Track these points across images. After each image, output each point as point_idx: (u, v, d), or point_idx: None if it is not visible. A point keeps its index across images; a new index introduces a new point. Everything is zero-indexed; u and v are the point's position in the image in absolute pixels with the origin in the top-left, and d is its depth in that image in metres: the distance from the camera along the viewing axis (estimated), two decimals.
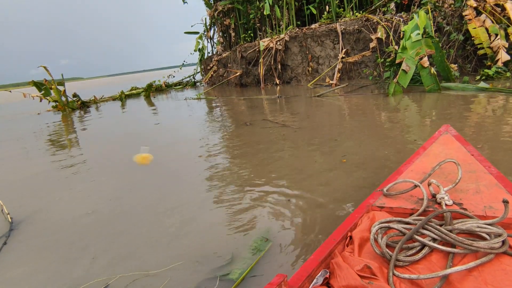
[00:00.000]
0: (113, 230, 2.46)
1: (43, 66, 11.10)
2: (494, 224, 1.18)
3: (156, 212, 2.65)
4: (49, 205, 3.10)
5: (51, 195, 3.36)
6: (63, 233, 2.51)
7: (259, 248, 1.92)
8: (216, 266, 1.83)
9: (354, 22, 9.68)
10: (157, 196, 3.01)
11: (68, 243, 2.34)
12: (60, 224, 2.67)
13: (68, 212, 2.89)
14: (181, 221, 2.44)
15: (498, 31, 6.90)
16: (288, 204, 2.47)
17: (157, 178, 3.51)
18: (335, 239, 1.29)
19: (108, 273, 1.89)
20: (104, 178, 3.73)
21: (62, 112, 11.44)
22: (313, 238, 1.97)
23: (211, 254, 1.96)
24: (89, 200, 3.12)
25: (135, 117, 8.76)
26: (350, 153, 3.41)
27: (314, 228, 2.08)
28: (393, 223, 1.29)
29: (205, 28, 16.47)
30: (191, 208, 2.65)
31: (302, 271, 1.14)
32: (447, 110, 4.79)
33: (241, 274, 1.70)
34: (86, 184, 3.54)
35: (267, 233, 2.09)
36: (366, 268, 1.11)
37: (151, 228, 2.41)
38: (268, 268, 1.76)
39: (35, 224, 2.73)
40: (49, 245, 2.36)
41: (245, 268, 1.75)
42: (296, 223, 2.19)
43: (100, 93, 16.73)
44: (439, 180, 1.57)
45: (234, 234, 2.16)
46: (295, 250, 1.89)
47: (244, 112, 7.14)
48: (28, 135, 7.45)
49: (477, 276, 1.04)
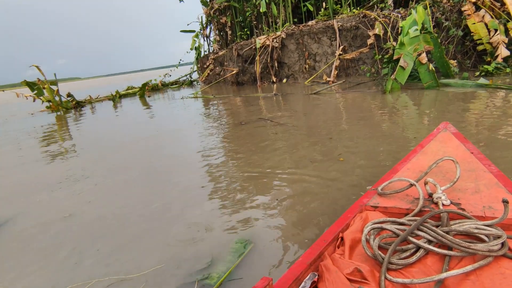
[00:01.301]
0: (91, 233, 2.38)
1: (35, 66, 10.99)
2: (493, 225, 1.13)
3: (137, 215, 2.58)
4: (28, 208, 3.02)
5: (30, 198, 3.28)
6: (40, 236, 2.44)
7: (240, 251, 1.87)
8: (195, 269, 1.77)
9: (352, 19, 9.61)
10: (139, 198, 2.92)
11: (43, 248, 2.26)
12: (36, 227, 2.59)
13: (44, 216, 2.79)
14: (162, 223, 2.37)
15: (498, 26, 6.86)
16: (274, 206, 2.39)
17: (143, 181, 3.40)
18: (325, 240, 1.23)
19: (83, 278, 1.83)
20: (91, 181, 3.60)
21: (56, 112, 11.32)
22: (297, 241, 1.90)
23: (192, 256, 1.90)
24: (67, 202, 3.03)
25: (125, 121, 8.56)
26: (346, 152, 3.34)
27: (300, 231, 2.01)
28: (386, 224, 1.22)
29: (201, 26, 16.40)
30: (173, 209, 2.57)
31: (289, 274, 1.09)
32: (445, 107, 4.74)
33: (219, 278, 1.65)
34: (67, 187, 3.43)
35: (249, 235, 2.03)
36: (357, 272, 1.07)
37: (130, 231, 2.33)
38: (248, 271, 1.71)
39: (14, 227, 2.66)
40: (24, 249, 2.29)
41: (224, 271, 1.70)
42: (280, 225, 2.12)
43: (96, 92, 16.67)
44: (437, 179, 1.51)
45: (217, 235, 2.10)
46: (277, 252, 1.83)
47: (240, 111, 7.08)
48: (14, 139, 7.21)
49: (474, 280, 0.99)
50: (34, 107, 13.21)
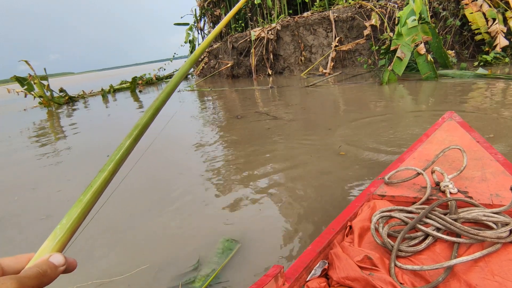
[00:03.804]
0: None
1: (24, 60, 10.80)
2: (501, 213, 1.13)
3: (121, 214, 2.51)
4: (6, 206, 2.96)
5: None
6: (18, 237, 2.36)
7: (227, 251, 1.80)
8: (180, 272, 1.70)
9: (347, 9, 9.56)
10: (125, 196, 2.81)
11: (22, 251, 2.20)
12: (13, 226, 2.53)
13: (23, 216, 2.72)
14: (147, 223, 2.29)
15: (496, 16, 6.82)
16: (264, 205, 2.33)
17: (127, 180, 3.32)
18: (334, 228, 1.24)
19: (63, 284, 1.74)
20: (71, 179, 3.51)
21: (47, 107, 11.14)
22: (287, 240, 1.84)
23: (177, 258, 1.83)
24: (46, 203, 2.94)
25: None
26: (344, 144, 3.34)
27: (290, 229, 1.96)
28: (395, 212, 1.23)
29: (195, 19, 16.22)
30: (159, 209, 2.49)
31: (300, 262, 1.10)
32: (445, 98, 4.75)
33: (205, 281, 1.58)
34: (44, 187, 3.35)
35: (237, 234, 1.97)
36: (367, 259, 1.07)
37: (114, 231, 2.26)
38: (235, 272, 1.64)
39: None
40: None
41: (210, 274, 1.63)
42: (270, 223, 2.06)
43: (90, 87, 16.45)
44: (443, 167, 1.51)
45: (204, 235, 2.03)
46: (265, 252, 1.77)
47: (236, 104, 7.04)
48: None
49: (483, 266, 1.00)
50: (26, 103, 12.98)
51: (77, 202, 0.43)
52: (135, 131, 0.48)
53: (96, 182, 0.44)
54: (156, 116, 0.52)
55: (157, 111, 0.51)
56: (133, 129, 0.48)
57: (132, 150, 0.48)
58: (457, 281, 0.98)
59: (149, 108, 0.51)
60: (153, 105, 0.51)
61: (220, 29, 0.66)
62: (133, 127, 0.49)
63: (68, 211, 0.43)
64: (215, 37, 2.38)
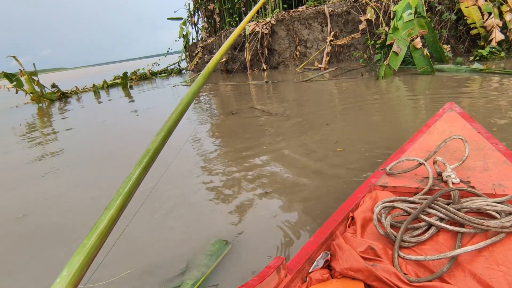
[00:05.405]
0: (53, 235, 2.17)
1: (12, 56, 10.62)
2: (504, 202, 1.13)
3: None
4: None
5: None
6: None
7: (217, 253, 1.74)
8: (168, 276, 1.63)
9: (343, 4, 9.52)
10: (109, 193, 2.68)
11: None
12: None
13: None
14: (134, 225, 2.18)
15: (492, 10, 6.78)
16: (257, 204, 2.27)
17: (111, 176, 3.25)
18: (336, 220, 1.23)
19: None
20: (54, 177, 3.41)
21: (37, 104, 10.93)
22: (279, 240, 1.79)
23: (165, 261, 1.76)
24: (23, 201, 2.85)
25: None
26: (341, 139, 3.31)
27: (283, 228, 1.91)
28: (397, 203, 1.22)
29: (188, 13, 16.07)
30: (145, 208, 2.38)
31: (302, 254, 1.09)
32: (441, 91, 4.74)
33: (193, 285, 1.52)
34: (22, 186, 3.25)
35: (228, 235, 1.92)
36: (370, 250, 1.06)
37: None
38: (226, 274, 1.59)
39: None
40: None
41: (198, 278, 1.56)
42: (262, 223, 2.00)
43: (83, 83, 16.23)
44: (445, 158, 1.50)
45: (194, 237, 1.96)
46: (256, 252, 1.71)
47: (230, 99, 6.99)
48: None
49: (487, 256, 0.99)
50: (19, 99, 12.73)
51: (79, 248, 0.36)
52: (145, 158, 0.40)
53: (102, 222, 0.37)
54: (168, 139, 0.44)
55: (169, 133, 0.44)
56: (143, 156, 0.41)
57: (143, 180, 0.41)
58: (461, 271, 0.97)
59: (160, 130, 0.44)
60: (165, 127, 0.44)
61: (241, 29, 0.61)
62: (143, 153, 0.41)
63: (69, 260, 0.35)
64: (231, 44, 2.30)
